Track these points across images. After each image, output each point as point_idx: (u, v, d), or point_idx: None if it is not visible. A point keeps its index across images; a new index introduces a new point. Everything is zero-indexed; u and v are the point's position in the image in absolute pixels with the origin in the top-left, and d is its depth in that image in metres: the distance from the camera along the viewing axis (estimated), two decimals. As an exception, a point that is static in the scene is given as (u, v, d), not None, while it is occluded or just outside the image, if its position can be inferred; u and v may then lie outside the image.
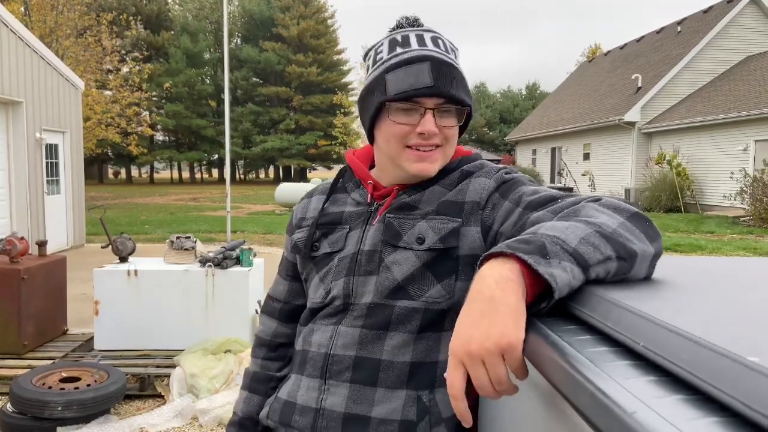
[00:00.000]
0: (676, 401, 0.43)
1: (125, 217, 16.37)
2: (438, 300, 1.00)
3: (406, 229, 1.03)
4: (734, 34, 20.30)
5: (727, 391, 0.39)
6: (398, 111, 1.02)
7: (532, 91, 60.25)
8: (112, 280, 4.22)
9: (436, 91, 1.00)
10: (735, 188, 15.58)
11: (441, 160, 1.05)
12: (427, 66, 1.00)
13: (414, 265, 1.01)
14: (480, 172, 1.07)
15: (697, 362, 0.44)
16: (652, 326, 0.52)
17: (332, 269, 1.08)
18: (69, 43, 20.50)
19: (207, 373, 3.67)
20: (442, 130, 1.02)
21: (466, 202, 1.03)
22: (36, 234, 8.85)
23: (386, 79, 1.02)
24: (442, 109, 1.02)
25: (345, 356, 1.02)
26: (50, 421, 3.14)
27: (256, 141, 48.27)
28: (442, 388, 0.99)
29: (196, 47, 47.09)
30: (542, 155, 28.32)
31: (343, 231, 1.10)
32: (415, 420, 0.98)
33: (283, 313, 1.24)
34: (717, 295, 0.68)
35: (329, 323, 1.06)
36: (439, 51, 1.04)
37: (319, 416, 1.02)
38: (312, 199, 1.21)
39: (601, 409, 0.46)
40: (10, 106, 8.77)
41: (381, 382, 1.00)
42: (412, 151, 1.03)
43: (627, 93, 22.01)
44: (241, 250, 4.44)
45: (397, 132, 1.02)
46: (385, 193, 1.09)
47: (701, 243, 11.11)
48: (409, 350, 1.00)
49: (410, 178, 1.07)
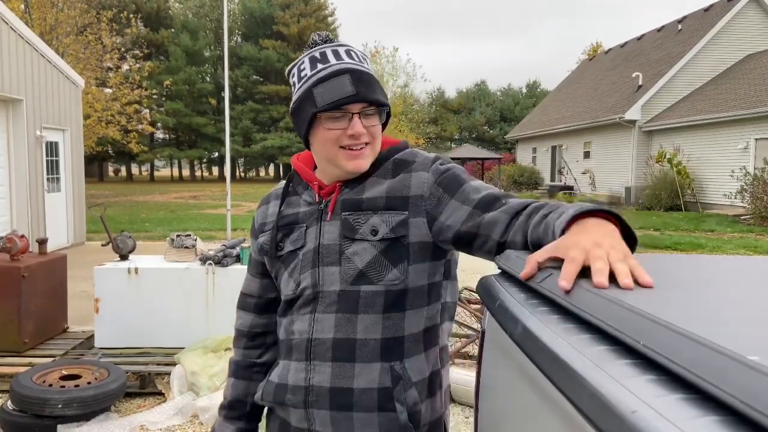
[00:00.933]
0: (677, 400, 0.43)
1: (125, 215, 16.37)
2: (395, 282, 1.17)
3: (361, 224, 1.19)
4: (735, 32, 20.27)
5: (727, 390, 0.39)
6: (329, 119, 1.17)
7: (533, 89, 60.20)
8: (112, 277, 4.22)
9: (359, 98, 1.15)
10: (735, 187, 15.58)
11: (371, 156, 1.21)
12: (348, 77, 1.16)
13: (371, 254, 1.17)
14: (417, 165, 1.21)
15: (697, 361, 0.44)
16: (652, 325, 0.52)
17: (299, 264, 1.24)
18: (69, 41, 20.49)
19: (207, 371, 3.68)
20: (368, 130, 1.18)
21: (411, 196, 1.18)
22: (36, 232, 8.86)
23: (314, 93, 1.17)
24: (366, 111, 1.17)
25: (325, 339, 1.18)
26: (51, 418, 3.14)
27: (256, 139, 48.23)
28: (411, 358, 1.19)
29: (196, 45, 47.04)
30: (542, 153, 28.30)
31: (301, 229, 1.25)
32: (390, 386, 1.16)
33: (258, 307, 1.39)
34: (717, 294, 0.68)
35: (306, 312, 1.21)
36: (354, 62, 1.20)
37: (310, 392, 1.19)
38: (269, 204, 1.36)
39: (601, 408, 0.46)
40: (11, 103, 8.77)
41: (358, 358, 1.16)
42: (346, 151, 1.18)
43: (628, 91, 21.99)
44: (242, 248, 4.44)
45: (331, 137, 1.18)
46: (330, 191, 1.24)
47: (701, 241, 11.11)
48: (378, 328, 1.17)
49: (347, 174, 1.21)
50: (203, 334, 4.12)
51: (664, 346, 0.48)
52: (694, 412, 0.41)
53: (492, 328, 0.97)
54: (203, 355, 3.81)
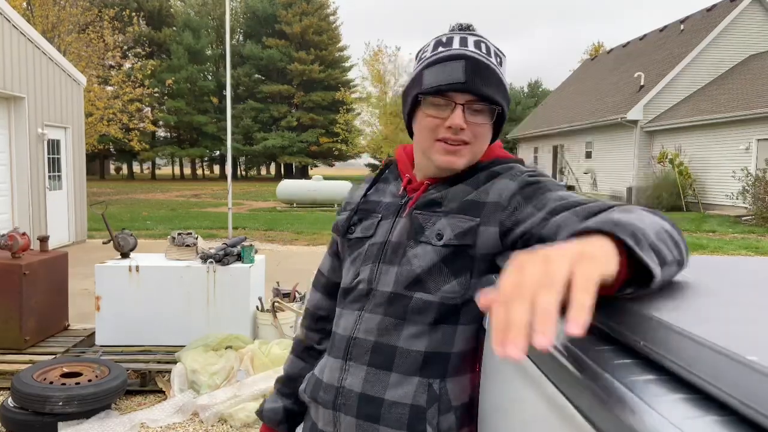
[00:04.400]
0: (676, 400, 0.43)
1: (127, 213, 16.38)
2: (452, 295, 1.05)
3: (429, 225, 1.08)
4: (737, 32, 20.24)
5: (726, 390, 0.39)
6: (431, 105, 1.07)
7: (535, 89, 60.14)
8: (113, 275, 4.23)
9: (468, 88, 1.04)
10: (737, 187, 15.56)
11: (468, 156, 1.09)
12: (462, 64, 1.05)
13: (432, 260, 1.06)
14: (505, 174, 1.09)
15: (697, 361, 0.43)
16: (652, 325, 0.52)
17: (362, 254, 1.16)
18: (71, 39, 20.52)
19: (208, 369, 3.68)
20: (471, 127, 1.06)
21: (488, 203, 1.05)
22: (38, 229, 8.87)
23: (423, 75, 1.08)
24: (473, 106, 1.05)
25: (366, 340, 1.10)
26: (51, 416, 3.15)
27: (258, 138, 48.26)
28: (454, 378, 1.06)
29: (198, 44, 47.05)
30: (544, 153, 28.29)
31: (376, 219, 1.18)
32: (424, 406, 1.04)
33: (327, 288, 1.34)
34: (717, 294, 0.68)
35: (354, 308, 1.14)
36: (478, 53, 1.08)
37: (340, 394, 1.11)
38: (361, 185, 1.29)
39: (601, 407, 0.46)
40: (12, 101, 8.78)
41: (396, 368, 1.06)
42: (441, 143, 1.07)
43: (629, 91, 21.97)
44: (243, 246, 4.45)
45: (429, 124, 1.08)
46: (417, 187, 1.15)
47: (703, 242, 11.10)
48: (424, 340, 1.06)
49: (439, 171, 1.11)
50: (204, 332, 4.13)
51: (664, 346, 0.48)
52: (694, 412, 0.41)
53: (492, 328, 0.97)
54: (204, 353, 3.81)
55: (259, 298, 4.53)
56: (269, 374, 3.54)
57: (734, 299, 0.66)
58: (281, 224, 14.00)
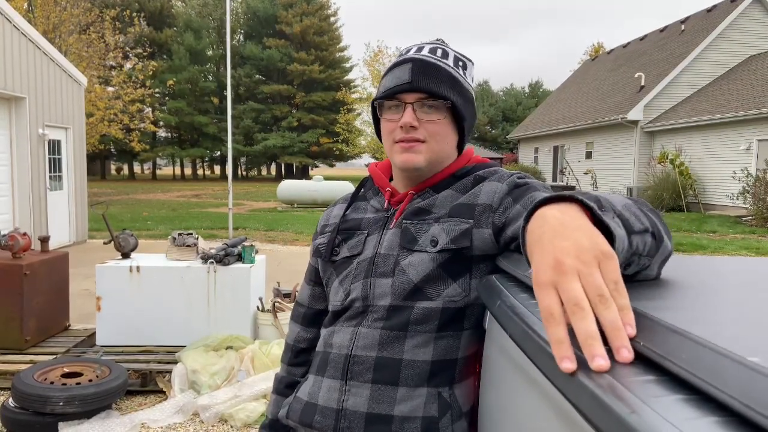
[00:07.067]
0: (676, 401, 0.43)
1: (127, 214, 16.39)
2: (455, 298, 1.04)
3: (422, 233, 1.07)
4: (738, 33, 20.23)
5: (727, 390, 0.39)
6: (387, 109, 1.11)
7: (535, 89, 60.16)
8: (114, 276, 4.23)
9: (414, 86, 1.06)
10: (737, 188, 15.55)
11: (427, 155, 1.09)
12: (409, 66, 1.08)
13: (429, 267, 1.05)
14: (493, 177, 1.11)
15: (697, 362, 0.44)
16: (652, 325, 0.52)
17: (351, 272, 1.13)
18: (72, 40, 20.54)
19: (208, 370, 3.68)
20: (424, 125, 1.07)
21: (478, 205, 1.06)
22: (38, 230, 8.87)
23: (380, 85, 1.13)
24: (424, 103, 1.07)
25: (366, 357, 1.05)
26: (52, 416, 3.15)
27: (258, 138, 48.28)
28: (461, 384, 1.06)
29: (199, 44, 47.11)
30: (545, 153, 28.28)
31: (362, 236, 1.15)
32: (437, 416, 1.02)
33: (306, 318, 1.30)
34: (718, 295, 0.68)
35: (349, 325, 1.10)
36: (429, 56, 1.10)
37: (341, 417, 1.05)
38: (335, 207, 1.28)
39: (600, 408, 0.46)
40: (13, 101, 8.78)
41: (402, 381, 1.03)
42: (398, 144, 1.09)
43: (630, 91, 21.96)
44: (243, 246, 4.45)
45: (387, 128, 1.11)
46: (401, 199, 1.15)
47: (703, 242, 11.09)
48: (429, 349, 1.04)
49: (407, 175, 1.12)
50: (204, 332, 4.13)
51: (664, 347, 0.48)
52: (694, 412, 0.41)
53: (492, 328, 0.97)
54: (204, 354, 3.81)
55: (260, 299, 4.53)
56: (270, 374, 3.54)
57: (734, 300, 0.66)
58: (282, 224, 14.00)
